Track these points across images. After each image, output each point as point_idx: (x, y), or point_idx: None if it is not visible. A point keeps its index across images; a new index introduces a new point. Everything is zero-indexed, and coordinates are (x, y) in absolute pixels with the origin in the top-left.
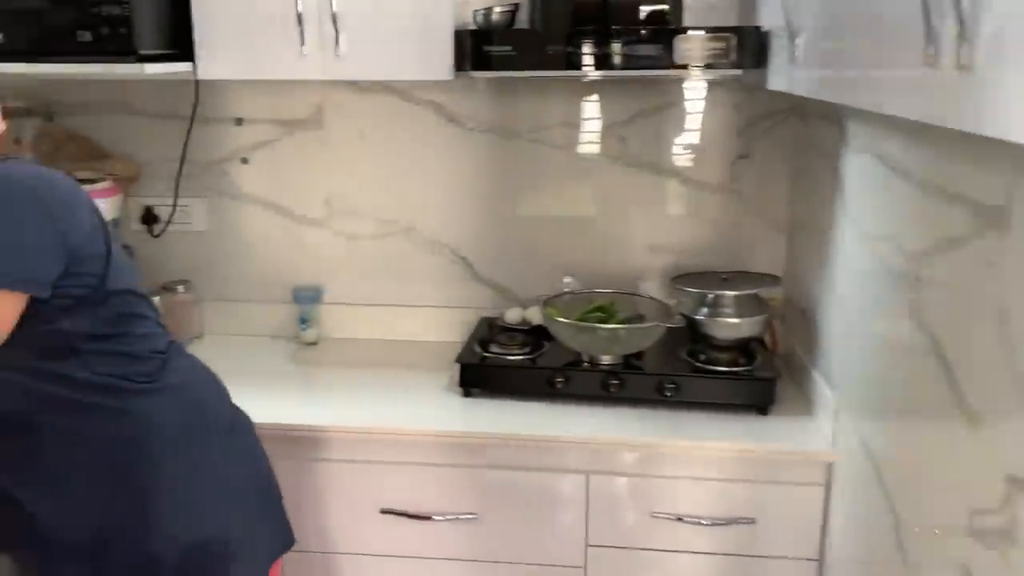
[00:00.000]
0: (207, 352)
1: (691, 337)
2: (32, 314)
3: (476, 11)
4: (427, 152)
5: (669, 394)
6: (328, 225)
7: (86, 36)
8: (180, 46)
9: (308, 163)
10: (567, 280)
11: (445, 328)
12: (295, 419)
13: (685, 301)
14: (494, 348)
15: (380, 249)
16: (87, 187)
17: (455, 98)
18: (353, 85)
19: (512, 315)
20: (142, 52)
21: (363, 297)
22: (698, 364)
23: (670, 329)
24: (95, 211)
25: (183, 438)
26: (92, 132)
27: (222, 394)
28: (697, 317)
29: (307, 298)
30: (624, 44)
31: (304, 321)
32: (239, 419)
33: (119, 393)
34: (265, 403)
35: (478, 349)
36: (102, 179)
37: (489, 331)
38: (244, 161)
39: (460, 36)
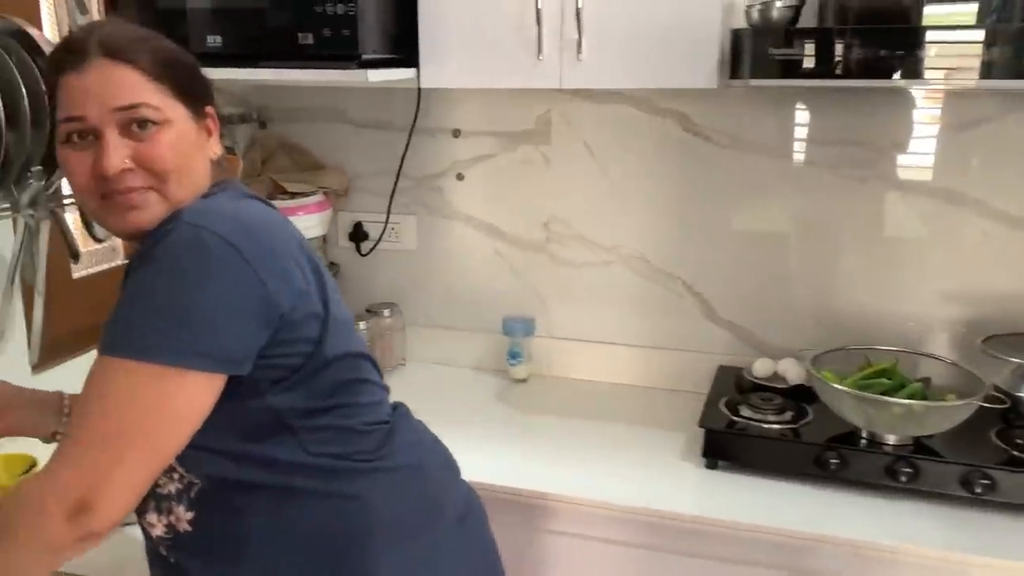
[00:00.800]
0: (409, 382)
1: (1004, 417)
2: (234, 390)
3: (751, 6)
4: (665, 170)
5: (980, 491)
6: (546, 250)
7: (307, 38)
8: (403, 50)
9: (529, 181)
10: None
11: (675, 373)
12: (505, 478)
13: (998, 370)
14: (745, 411)
15: (602, 279)
16: (298, 201)
17: (704, 108)
18: (585, 93)
19: (761, 368)
20: (365, 57)
21: (581, 332)
22: (1018, 454)
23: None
24: (311, 259)
25: (408, 528)
26: (304, 140)
27: (454, 473)
28: (1021, 394)
29: (519, 329)
30: (991, 46)
31: (514, 355)
32: (473, 506)
33: (336, 475)
34: (468, 449)
35: (725, 410)
36: (313, 192)
37: (736, 387)
38: (459, 177)
39: (735, 36)
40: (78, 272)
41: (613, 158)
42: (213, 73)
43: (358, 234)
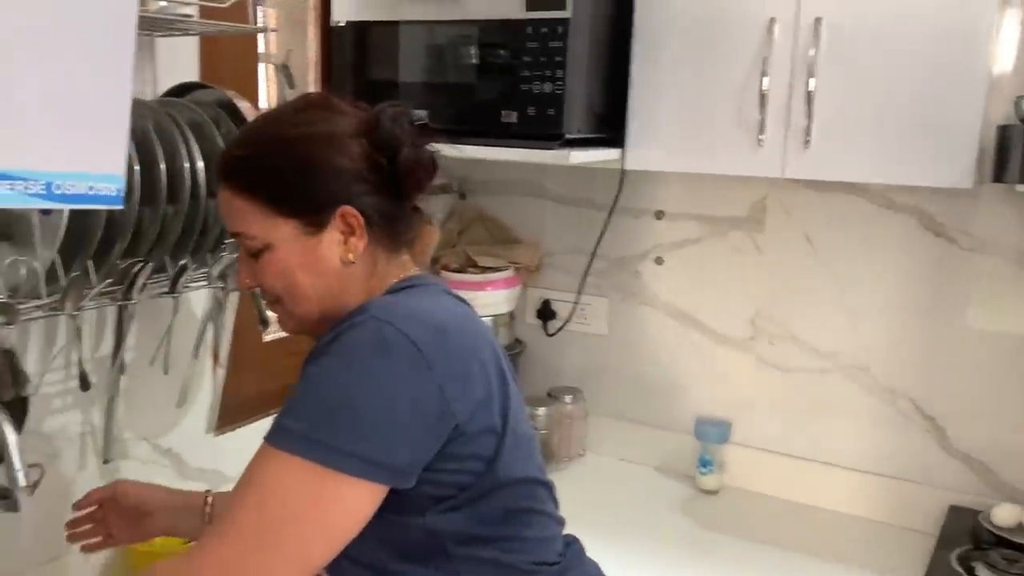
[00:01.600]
0: (586, 476)
1: None
2: (393, 503)
3: (1021, 98)
4: (898, 272)
5: None
6: (751, 349)
7: (511, 116)
8: (608, 129)
9: (736, 270)
10: None
11: (895, 507)
12: None
13: None
14: (982, 572)
15: (814, 388)
16: (487, 276)
17: (951, 206)
18: (809, 181)
19: (1004, 516)
20: (568, 136)
21: (784, 445)
22: None
23: None
24: (500, 367)
25: None
26: (502, 213)
27: None
28: None
29: (712, 434)
30: None
31: (705, 462)
32: None
33: None
34: (640, 565)
35: (958, 567)
36: (504, 268)
37: (972, 538)
38: (659, 261)
39: (1001, 133)
40: (269, 335)
41: (837, 253)
42: None
43: (546, 312)
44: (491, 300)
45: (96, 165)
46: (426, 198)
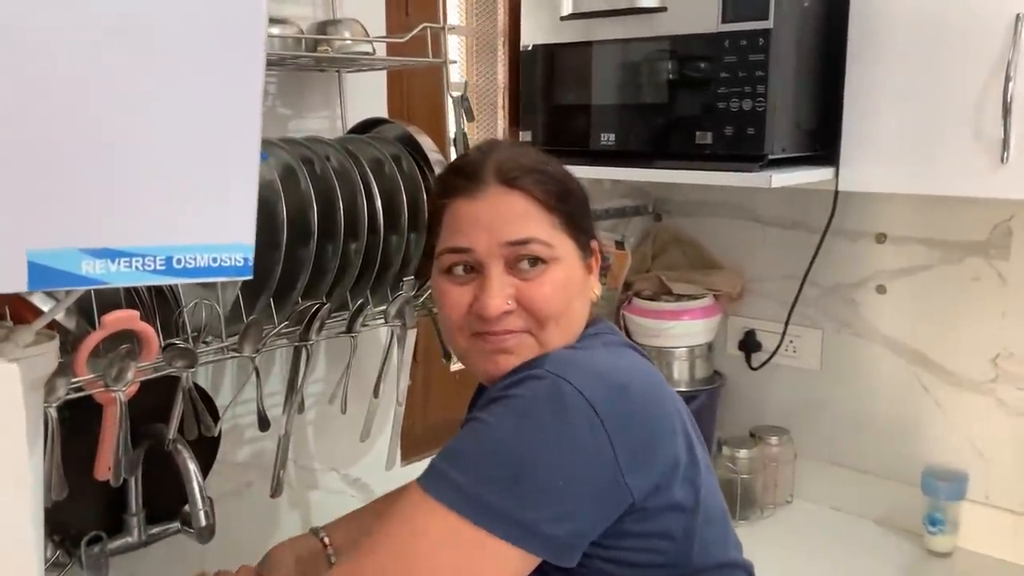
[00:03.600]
0: (793, 526)
1: None
2: None
3: None
4: None
5: None
6: (992, 392)
7: (707, 137)
8: (818, 146)
9: (974, 303)
10: None
11: None
12: None
13: None
14: None
15: None
16: (683, 304)
17: None
18: None
19: None
20: (771, 157)
21: None
22: None
23: None
24: (687, 434)
25: None
26: (701, 236)
27: None
28: None
29: (944, 489)
30: None
31: (934, 520)
32: None
33: None
34: None
35: None
36: (702, 296)
37: None
38: (881, 290)
39: None
40: (456, 366)
41: None
42: (605, 172)
43: (749, 344)
44: (687, 330)
45: (221, 235)
46: (620, 219)
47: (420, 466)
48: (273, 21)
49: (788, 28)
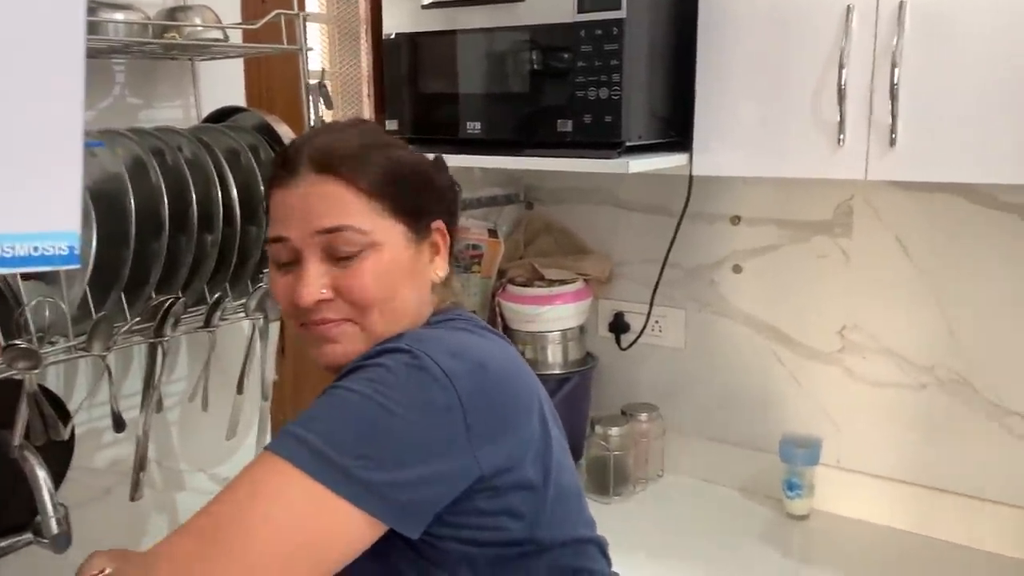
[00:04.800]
0: (664, 499)
1: None
2: (420, 562)
3: None
4: (1005, 279)
5: None
6: (839, 362)
7: (567, 125)
8: (674, 133)
9: (822, 279)
10: None
11: (1011, 536)
12: None
13: None
14: None
15: (910, 404)
16: (555, 289)
17: None
18: (898, 180)
19: None
20: (629, 144)
21: (881, 466)
22: None
23: None
24: (543, 416)
25: None
26: (570, 223)
27: None
28: None
29: (800, 456)
30: None
31: (792, 485)
32: None
33: None
34: None
35: None
36: (574, 279)
37: None
38: (737, 269)
39: None
40: None
41: (934, 259)
42: (473, 160)
43: (619, 325)
44: (560, 314)
45: (42, 223)
46: (492, 208)
47: None
48: (116, 7)
49: (641, 18)
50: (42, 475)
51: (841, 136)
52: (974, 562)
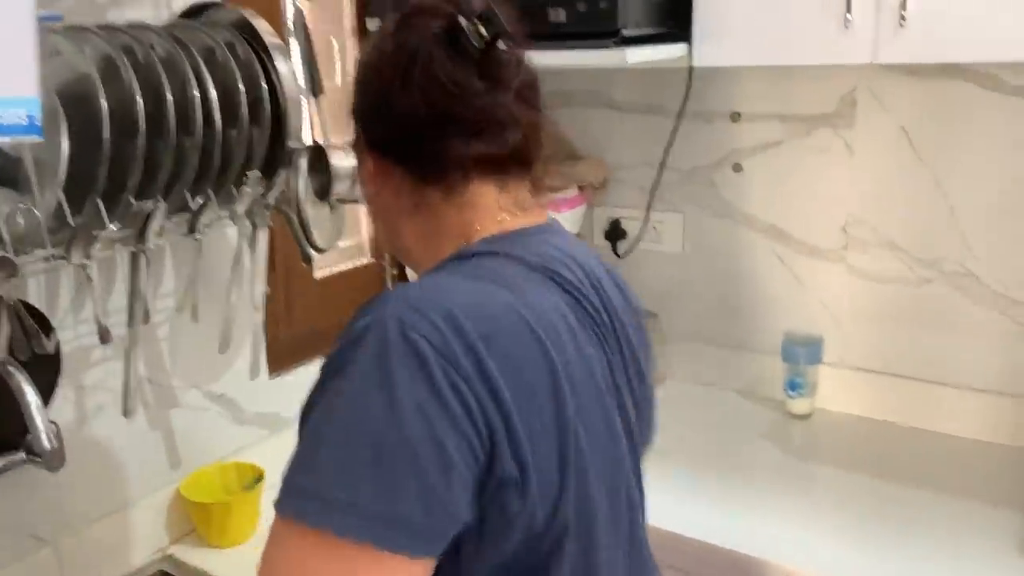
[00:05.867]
0: (666, 404)
1: None
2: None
3: None
4: (1008, 165)
5: None
6: (842, 259)
7: (559, 15)
8: (673, 22)
9: (824, 174)
10: None
11: (1012, 427)
12: (767, 549)
13: None
14: None
15: (913, 299)
16: (550, 197)
17: None
18: (906, 66)
19: None
20: (625, 33)
21: (881, 363)
22: None
23: None
24: (555, 383)
25: None
26: (564, 127)
27: None
28: None
29: (801, 354)
30: None
31: (794, 385)
32: None
33: None
34: (724, 501)
35: None
36: (568, 186)
37: None
38: (737, 168)
39: None
40: (321, 271)
41: (939, 149)
42: None
43: (615, 232)
44: None
45: None
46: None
47: (288, 379)
48: None
49: None
50: (29, 390)
51: (848, 17)
52: (978, 453)
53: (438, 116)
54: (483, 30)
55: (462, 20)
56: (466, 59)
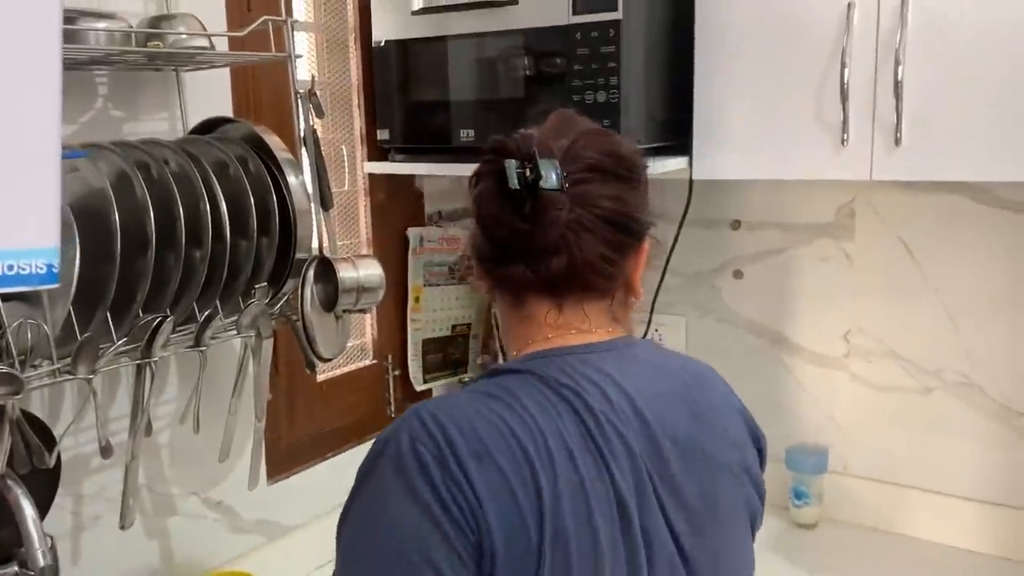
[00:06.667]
0: None
1: None
2: None
3: None
4: (1010, 278)
5: None
6: (845, 367)
7: None
8: (675, 136)
9: (825, 283)
10: None
11: (1016, 540)
12: None
13: None
14: None
15: (918, 408)
16: None
17: None
18: (901, 181)
19: None
20: None
21: (888, 472)
22: None
23: None
24: (540, 503)
25: None
26: None
27: None
28: None
29: (807, 464)
30: None
31: (799, 494)
32: None
33: None
34: None
35: None
36: None
37: None
38: (737, 275)
39: None
40: (323, 374)
41: (938, 260)
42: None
43: None
44: None
45: (18, 241)
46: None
47: (287, 484)
48: (98, 15)
49: (637, 20)
50: (27, 505)
51: (845, 136)
52: (989, 569)
53: (492, 244)
54: (528, 172)
55: (508, 163)
56: (511, 197)
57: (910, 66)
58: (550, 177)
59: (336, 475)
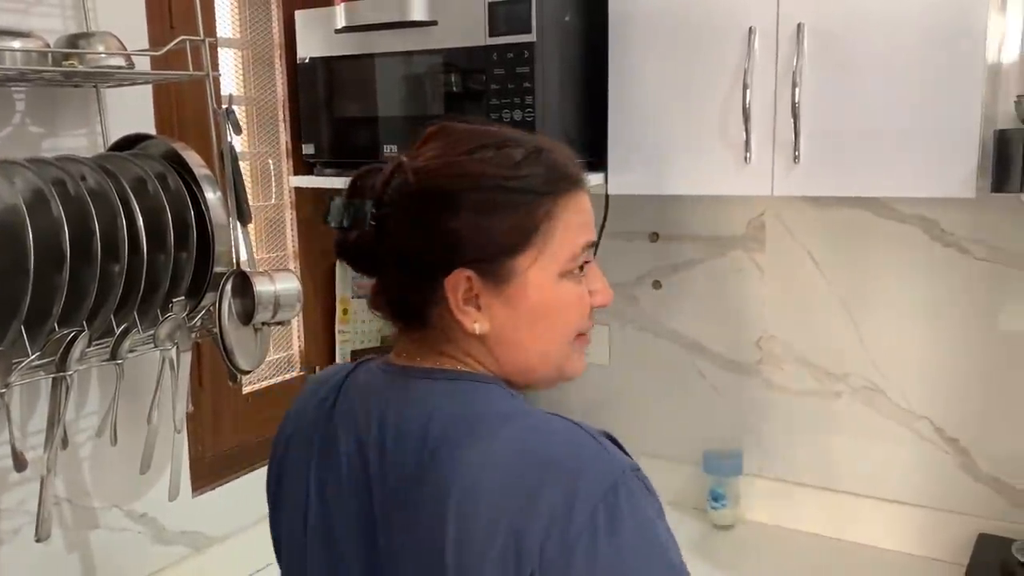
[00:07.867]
0: None
1: None
2: None
3: (1022, 97)
4: (907, 286)
5: None
6: (758, 373)
7: None
8: (591, 153)
9: (739, 292)
10: None
11: (921, 536)
12: None
13: None
14: None
15: (826, 412)
16: None
17: (960, 215)
18: (806, 197)
19: None
20: None
21: (801, 474)
22: None
23: None
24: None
25: None
26: None
27: None
28: None
29: (723, 467)
30: None
31: (716, 496)
32: None
33: None
34: None
35: None
36: None
37: (1002, 571)
38: (656, 285)
39: (1000, 137)
40: (249, 386)
41: (842, 269)
42: None
43: None
44: None
45: None
46: None
47: (212, 496)
48: (14, 34)
49: (551, 42)
50: None
51: (748, 154)
52: (894, 564)
53: None
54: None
55: (333, 203)
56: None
57: (807, 88)
58: (334, 219)
59: (262, 487)
